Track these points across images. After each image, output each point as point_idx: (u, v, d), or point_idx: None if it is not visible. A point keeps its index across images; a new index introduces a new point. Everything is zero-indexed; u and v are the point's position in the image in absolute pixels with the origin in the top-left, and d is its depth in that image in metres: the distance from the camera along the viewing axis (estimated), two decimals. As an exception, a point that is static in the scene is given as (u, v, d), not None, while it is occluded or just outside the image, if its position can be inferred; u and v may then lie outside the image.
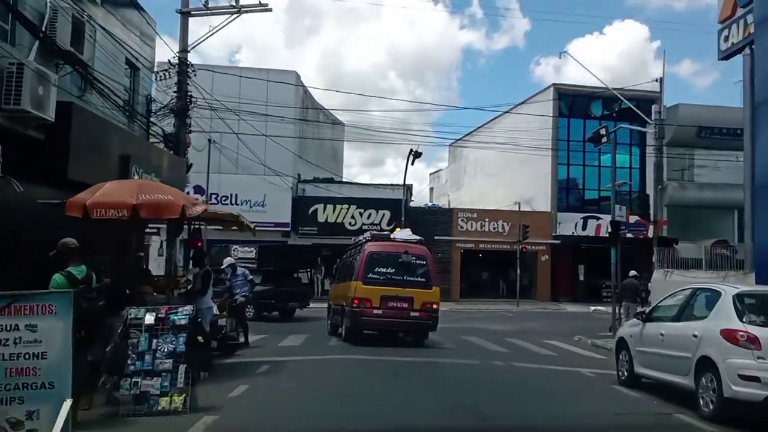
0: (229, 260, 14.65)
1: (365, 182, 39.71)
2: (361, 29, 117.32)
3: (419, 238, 15.49)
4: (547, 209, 35.02)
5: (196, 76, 17.09)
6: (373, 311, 13.56)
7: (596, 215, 34.42)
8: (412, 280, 13.86)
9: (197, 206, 9.04)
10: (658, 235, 22.65)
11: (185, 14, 16.83)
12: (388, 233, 16.54)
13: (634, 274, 18.06)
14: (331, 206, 32.31)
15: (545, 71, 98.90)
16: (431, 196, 58.82)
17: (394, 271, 13.82)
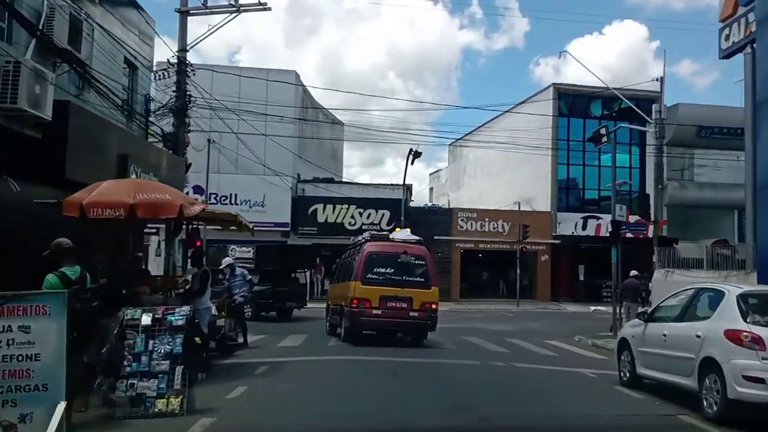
0: (227, 260, 14.59)
1: (365, 182, 39.68)
2: (360, 29, 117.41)
3: (418, 238, 15.48)
4: (547, 209, 34.98)
5: (195, 75, 17.07)
6: (372, 311, 13.55)
7: (596, 215, 34.38)
8: (411, 280, 13.85)
9: (195, 206, 8.96)
10: (658, 234, 22.56)
11: (184, 13, 16.82)
12: (387, 233, 16.49)
13: (635, 273, 17.98)
14: (330, 206, 32.24)
15: (545, 71, 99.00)
16: (431, 196, 58.77)
17: (393, 271, 13.81)
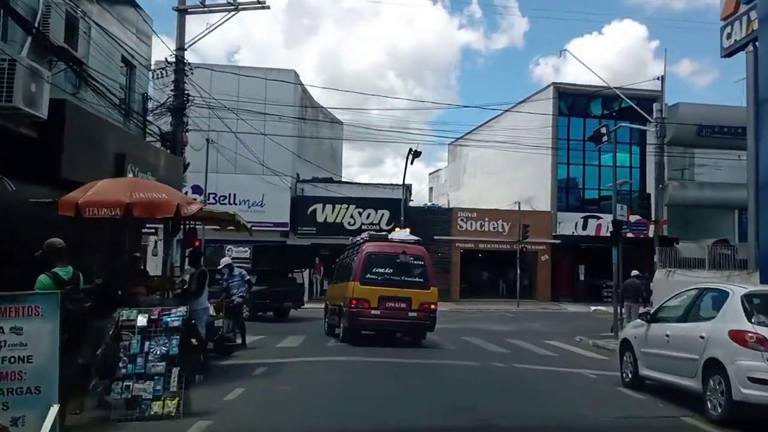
0: (226, 260, 14.50)
1: (364, 182, 39.55)
2: (359, 29, 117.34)
3: (417, 238, 15.51)
4: (547, 209, 34.89)
5: (193, 74, 16.96)
6: (371, 312, 13.53)
7: (596, 215, 34.28)
8: (410, 280, 13.84)
9: (192, 205, 8.85)
10: (659, 234, 22.45)
11: (182, 11, 16.72)
12: (385, 234, 16.42)
13: (636, 273, 17.83)
14: (330, 206, 32.11)
15: (544, 71, 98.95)
16: (430, 195, 58.70)
17: (392, 271, 13.81)
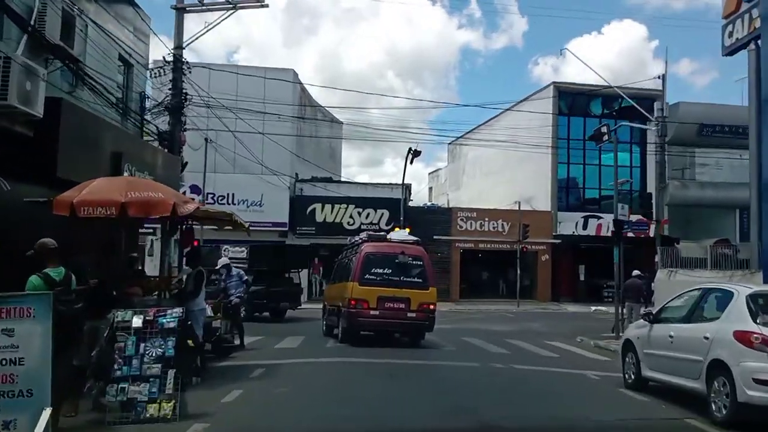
0: (224, 260, 14.41)
1: (364, 182, 39.41)
2: (359, 29, 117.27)
3: (416, 238, 15.47)
4: (547, 208, 34.75)
5: (191, 73, 16.86)
6: (369, 312, 13.49)
7: (597, 214, 34.11)
8: (408, 280, 13.81)
9: (189, 204, 8.73)
10: (660, 234, 22.32)
11: (180, 10, 16.62)
12: (384, 234, 16.35)
13: (637, 273, 17.65)
14: (329, 206, 31.97)
15: (544, 71, 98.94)
16: (430, 195, 58.60)
17: (390, 271, 13.77)
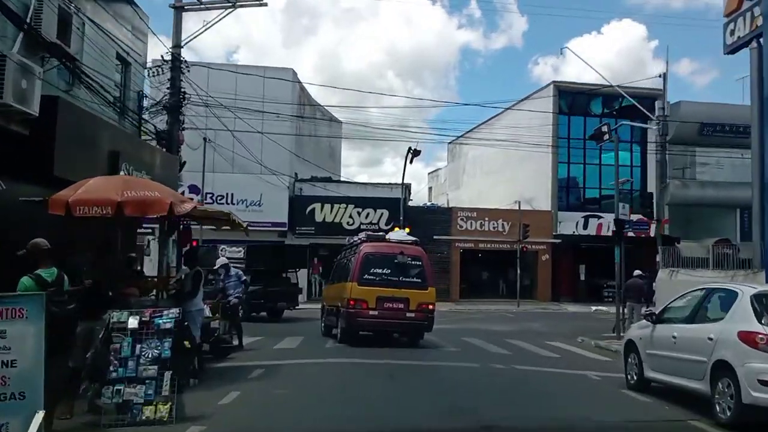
0: (222, 260, 14.32)
1: (363, 181, 39.29)
2: (358, 29, 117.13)
3: (414, 238, 15.46)
4: (547, 208, 34.66)
5: (189, 72, 16.77)
6: (369, 312, 13.48)
7: (597, 214, 33.99)
8: (407, 280, 13.81)
9: (186, 203, 8.63)
10: (660, 234, 22.21)
11: (179, 9, 16.55)
12: (383, 234, 16.29)
13: (638, 273, 17.53)
14: (328, 206, 31.86)
15: (543, 70, 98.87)
16: (430, 195, 58.43)
17: (389, 272, 13.77)
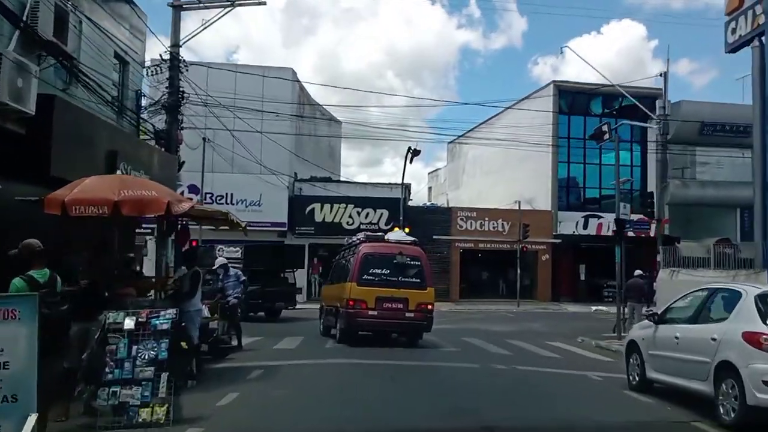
0: (221, 260, 14.23)
1: (363, 181, 39.18)
2: (358, 29, 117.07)
3: (413, 238, 15.44)
4: (547, 208, 34.58)
5: (188, 71, 16.66)
6: (368, 312, 13.46)
7: (597, 214, 33.91)
8: (406, 281, 13.80)
9: (184, 203, 8.54)
10: (661, 233, 22.12)
11: (177, 8, 16.42)
12: (382, 234, 16.24)
13: (639, 273, 17.45)
14: (328, 205, 31.76)
15: (543, 70, 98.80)
16: (429, 195, 58.35)
17: (388, 272, 13.76)
